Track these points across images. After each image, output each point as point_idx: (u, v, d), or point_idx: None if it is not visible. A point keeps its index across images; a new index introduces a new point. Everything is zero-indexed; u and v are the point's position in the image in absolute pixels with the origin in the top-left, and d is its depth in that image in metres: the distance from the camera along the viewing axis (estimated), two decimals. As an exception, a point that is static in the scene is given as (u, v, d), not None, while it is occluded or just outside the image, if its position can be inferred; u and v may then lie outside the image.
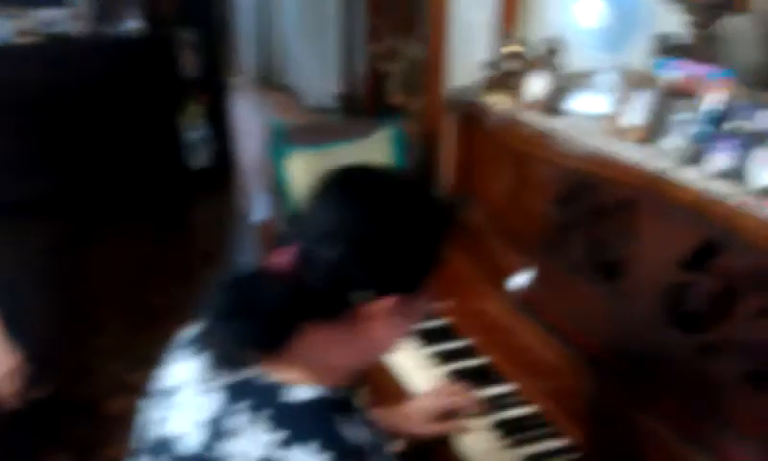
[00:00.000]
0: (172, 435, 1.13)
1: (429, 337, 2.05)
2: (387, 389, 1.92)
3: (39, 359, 3.50)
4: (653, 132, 1.71)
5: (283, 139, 3.47)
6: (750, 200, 1.42)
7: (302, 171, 3.40)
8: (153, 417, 1.20)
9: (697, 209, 1.45)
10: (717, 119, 1.57)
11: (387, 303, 1.13)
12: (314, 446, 1.02)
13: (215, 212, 5.46)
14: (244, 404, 1.08)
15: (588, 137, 1.80)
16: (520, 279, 1.93)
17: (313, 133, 3.64)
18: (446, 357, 1.97)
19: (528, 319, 1.82)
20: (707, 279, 1.42)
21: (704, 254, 1.43)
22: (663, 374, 1.48)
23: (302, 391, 1.08)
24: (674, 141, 1.65)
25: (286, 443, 1.03)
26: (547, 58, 2.07)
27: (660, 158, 1.64)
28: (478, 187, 2.28)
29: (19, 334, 2.13)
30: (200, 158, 5.81)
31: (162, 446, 1.14)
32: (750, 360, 1.31)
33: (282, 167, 3.43)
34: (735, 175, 1.49)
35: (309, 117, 6.39)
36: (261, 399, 1.08)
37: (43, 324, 3.79)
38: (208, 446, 1.08)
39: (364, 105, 5.14)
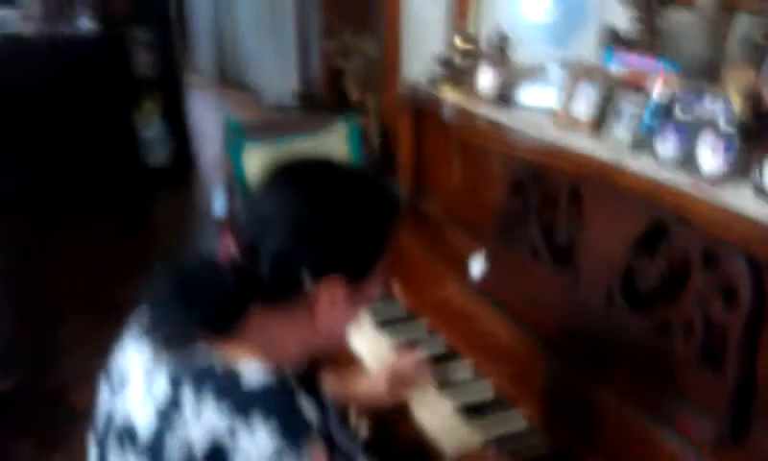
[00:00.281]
0: (125, 419, 1.14)
1: (387, 324, 2.10)
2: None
3: (2, 352, 3.51)
4: (601, 123, 1.78)
5: (239, 135, 3.50)
6: (698, 185, 1.48)
7: (259, 165, 3.44)
8: (108, 403, 1.20)
9: (647, 196, 1.51)
10: (664, 109, 1.64)
11: (333, 287, 1.17)
12: (262, 430, 1.02)
13: (176, 208, 5.48)
14: (192, 387, 1.07)
15: (538, 129, 1.86)
16: (477, 266, 1.98)
17: (269, 128, 3.67)
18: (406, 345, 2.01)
19: (484, 303, 1.87)
20: (657, 261, 1.48)
21: (654, 237, 1.49)
22: (617, 352, 1.54)
23: (251, 372, 1.07)
24: (622, 132, 1.71)
25: (234, 428, 1.03)
26: (498, 52, 2.13)
27: (609, 148, 1.70)
28: (433, 179, 2.33)
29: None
30: (158, 156, 5.81)
31: (113, 433, 1.16)
32: (698, 337, 1.37)
33: (240, 162, 3.46)
34: (683, 162, 1.55)
35: (268, 115, 6.43)
36: (208, 382, 1.07)
37: (6, 318, 3.78)
38: (160, 431, 1.08)
39: (322, 102, 5.18)
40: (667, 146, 1.60)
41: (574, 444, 1.58)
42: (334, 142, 3.61)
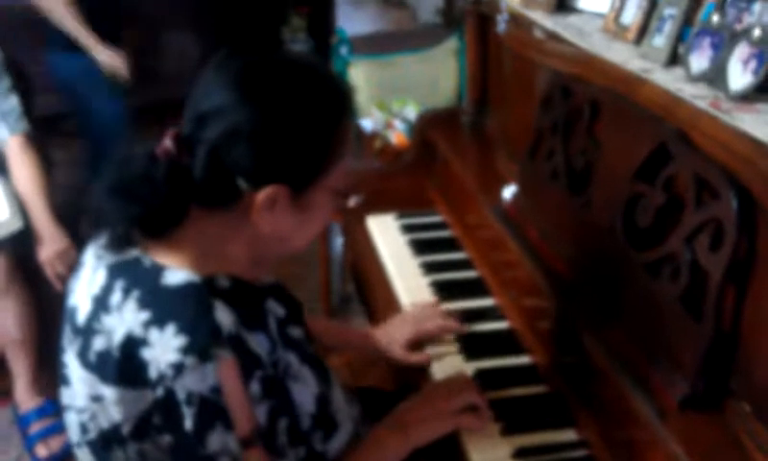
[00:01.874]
0: (73, 305, 1.16)
1: (426, 247, 1.97)
2: (378, 292, 1.88)
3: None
4: (644, 30, 1.54)
5: (348, 48, 3.41)
6: (717, 102, 1.25)
7: (364, 80, 3.33)
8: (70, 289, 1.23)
9: (663, 112, 1.29)
10: (705, 18, 1.39)
11: (272, 192, 1.08)
12: (173, 328, 1.02)
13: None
14: (121, 284, 1.09)
15: (582, 37, 1.64)
16: (508, 192, 1.81)
17: (378, 43, 3.55)
18: (440, 268, 1.88)
19: (507, 232, 1.70)
20: (656, 192, 1.27)
21: (656, 163, 1.28)
22: (615, 296, 1.35)
23: (176, 275, 1.08)
24: (662, 41, 1.48)
25: (150, 323, 1.04)
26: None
27: (645, 58, 1.48)
28: (493, 95, 2.15)
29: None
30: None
31: (67, 314, 1.18)
32: (684, 280, 1.17)
33: (345, 76, 3.37)
34: (714, 76, 1.32)
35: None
36: (136, 280, 1.09)
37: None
38: (92, 317, 1.10)
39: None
40: (701, 59, 1.36)
41: (566, 391, 1.41)
42: (444, 58, 3.44)
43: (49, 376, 2.52)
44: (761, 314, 1.06)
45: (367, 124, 3.12)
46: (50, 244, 2.36)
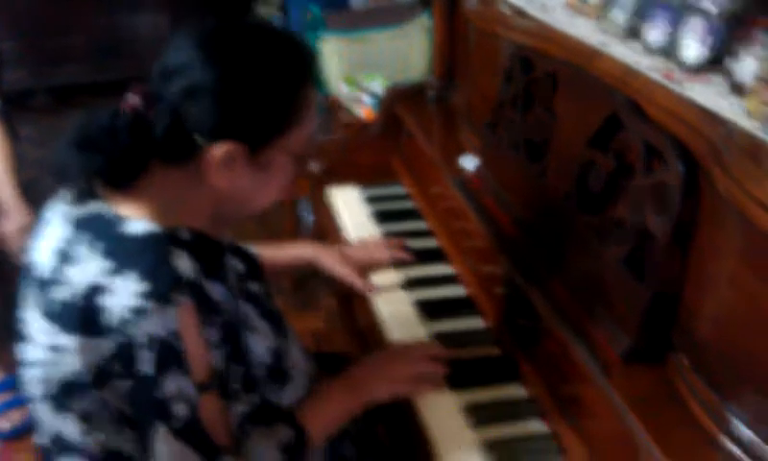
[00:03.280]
0: (33, 261, 1.18)
1: (389, 218, 2.00)
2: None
3: None
4: (606, 6, 1.57)
5: (320, 24, 3.42)
6: (670, 73, 1.29)
7: (336, 56, 3.34)
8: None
9: (619, 84, 1.33)
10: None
11: (227, 149, 1.10)
12: (134, 275, 1.05)
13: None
14: (85, 235, 1.11)
15: (547, 12, 1.67)
16: (470, 163, 1.83)
17: (351, 19, 3.56)
18: (402, 237, 1.90)
19: (468, 203, 1.73)
20: (608, 158, 1.30)
21: (608, 131, 1.31)
22: (565, 259, 1.38)
23: (137, 225, 1.10)
24: (619, 15, 1.51)
25: (112, 271, 1.06)
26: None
27: (603, 33, 1.51)
28: (459, 70, 2.18)
29: None
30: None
31: (26, 270, 1.19)
32: (630, 243, 1.20)
33: (316, 51, 3.38)
34: (668, 49, 1.37)
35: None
36: (98, 231, 1.11)
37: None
38: (55, 270, 1.11)
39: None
40: (657, 32, 1.40)
41: (516, 352, 1.44)
42: (415, 35, 3.46)
43: (9, 351, 2.51)
44: (702, 273, 1.10)
45: (335, 98, 3.13)
46: (15, 218, 2.35)
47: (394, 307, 1.65)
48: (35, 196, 2.38)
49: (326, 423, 1.31)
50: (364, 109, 2.98)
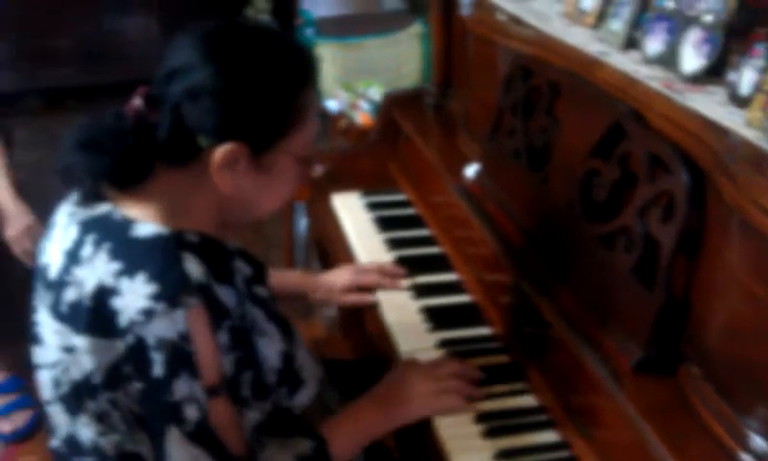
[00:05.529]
0: (45, 263, 1.19)
1: (391, 224, 2.02)
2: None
3: None
4: (602, 16, 1.60)
5: (313, 30, 3.44)
6: (670, 83, 1.32)
7: (329, 62, 3.36)
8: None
9: (619, 93, 1.35)
10: (661, 0, 1.45)
11: (229, 150, 1.12)
12: (143, 277, 1.06)
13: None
14: (92, 237, 1.12)
15: (544, 21, 1.70)
16: (471, 170, 1.86)
17: (344, 25, 3.58)
18: (405, 244, 1.93)
19: (471, 210, 1.75)
20: (611, 167, 1.33)
21: (611, 140, 1.34)
22: (570, 267, 1.41)
23: (146, 227, 1.11)
24: (618, 25, 1.54)
25: (118, 273, 1.07)
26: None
27: (602, 43, 1.54)
28: (457, 78, 2.20)
29: None
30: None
31: (39, 273, 1.21)
32: (637, 251, 1.23)
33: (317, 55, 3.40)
34: (667, 59, 1.39)
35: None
36: (106, 232, 1.12)
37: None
38: (64, 270, 1.13)
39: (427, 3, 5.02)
40: (656, 42, 1.43)
41: (524, 359, 1.47)
42: (408, 42, 3.49)
43: (12, 353, 2.52)
44: (710, 282, 1.13)
45: (332, 105, 3.15)
46: (16, 221, 2.35)
47: (400, 314, 1.67)
48: (26, 198, 2.39)
49: (354, 441, 1.32)
50: (362, 115, 3.00)
